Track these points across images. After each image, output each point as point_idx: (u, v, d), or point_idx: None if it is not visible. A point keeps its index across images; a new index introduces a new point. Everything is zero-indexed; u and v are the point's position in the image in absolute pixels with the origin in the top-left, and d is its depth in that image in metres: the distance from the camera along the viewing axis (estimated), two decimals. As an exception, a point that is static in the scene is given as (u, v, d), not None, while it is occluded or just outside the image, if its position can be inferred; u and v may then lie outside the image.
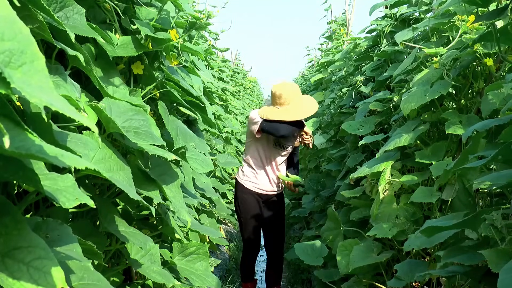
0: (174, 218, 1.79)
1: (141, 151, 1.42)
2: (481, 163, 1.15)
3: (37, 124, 0.85)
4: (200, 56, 1.96)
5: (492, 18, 1.31)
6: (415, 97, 1.85)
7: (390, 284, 1.78)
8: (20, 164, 0.74)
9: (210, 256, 1.86)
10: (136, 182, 1.28)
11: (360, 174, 2.20)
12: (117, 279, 1.59)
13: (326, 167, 3.86)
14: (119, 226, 1.35)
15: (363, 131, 2.64)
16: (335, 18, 6.10)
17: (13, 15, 0.58)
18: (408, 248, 1.68)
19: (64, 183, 0.87)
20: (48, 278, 0.68)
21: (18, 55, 0.56)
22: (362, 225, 2.51)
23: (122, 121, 1.29)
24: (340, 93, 3.72)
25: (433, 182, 1.94)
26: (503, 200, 1.60)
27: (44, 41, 1.11)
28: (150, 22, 1.59)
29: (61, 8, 1.19)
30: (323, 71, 4.91)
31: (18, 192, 1.10)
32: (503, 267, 0.88)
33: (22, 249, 0.70)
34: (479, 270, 1.29)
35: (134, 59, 1.62)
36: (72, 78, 1.19)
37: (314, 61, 8.08)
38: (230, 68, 8.10)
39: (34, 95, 0.53)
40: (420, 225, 1.81)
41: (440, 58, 1.84)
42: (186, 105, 1.88)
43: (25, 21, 0.92)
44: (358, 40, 3.60)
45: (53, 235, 0.92)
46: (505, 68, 1.78)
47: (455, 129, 1.75)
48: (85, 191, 1.25)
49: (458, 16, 1.82)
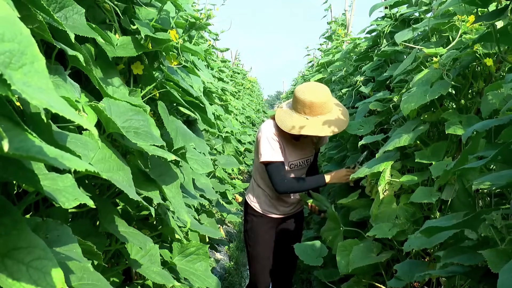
0: (174, 218, 1.79)
1: (141, 151, 1.42)
2: (481, 163, 1.15)
3: (36, 124, 0.85)
4: (200, 56, 1.96)
5: (492, 18, 1.31)
6: (415, 97, 1.85)
7: (390, 284, 1.78)
8: (19, 164, 0.74)
9: (210, 257, 1.86)
10: (136, 182, 1.28)
11: (359, 174, 2.20)
12: (116, 279, 1.59)
13: (326, 167, 3.86)
14: (118, 226, 1.35)
15: (363, 131, 2.64)
16: (335, 18, 6.11)
17: (13, 16, 0.58)
18: (408, 248, 1.68)
19: (64, 183, 0.87)
20: (48, 279, 0.68)
21: (18, 56, 0.56)
22: (362, 225, 2.50)
23: (122, 121, 1.29)
24: (340, 93, 3.72)
25: (433, 182, 1.94)
26: (503, 200, 1.60)
27: (44, 41, 1.11)
28: (150, 22, 1.59)
29: (60, 8, 1.19)
30: (323, 71, 4.90)
31: (17, 192, 1.10)
32: (503, 267, 0.88)
33: (22, 249, 0.70)
34: (479, 270, 1.29)
35: (133, 59, 1.62)
36: (72, 78, 1.19)
37: (314, 61, 8.08)
38: (230, 68, 8.10)
39: (34, 97, 0.53)
40: (420, 225, 1.80)
41: (440, 58, 1.84)
42: (186, 105, 1.88)
43: (25, 21, 0.92)
44: (358, 40, 3.60)
45: (53, 235, 0.92)
46: (505, 68, 1.78)
47: (455, 129, 1.75)
48: (85, 191, 1.25)
49: (458, 16, 1.82)
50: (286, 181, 2.35)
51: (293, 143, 2.42)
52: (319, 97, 2.23)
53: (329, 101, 2.29)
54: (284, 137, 2.37)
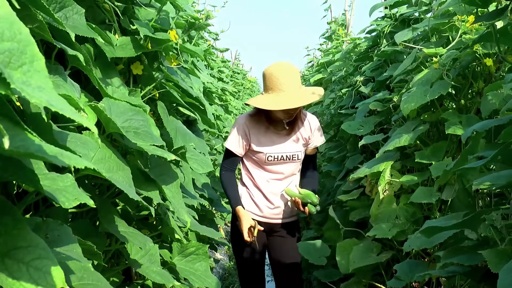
0: (173, 218, 1.79)
1: (141, 151, 1.42)
2: (481, 163, 1.15)
3: (37, 124, 0.85)
4: (200, 56, 1.96)
5: (492, 18, 1.31)
6: (415, 97, 1.85)
7: (389, 284, 1.78)
8: (19, 164, 0.74)
9: (209, 257, 1.86)
10: (136, 182, 1.28)
11: (359, 174, 2.20)
12: (116, 279, 1.59)
13: (326, 167, 3.86)
14: (118, 226, 1.35)
15: (363, 131, 2.64)
16: (335, 18, 6.11)
17: (12, 15, 0.58)
18: (407, 248, 1.68)
19: (64, 183, 0.87)
20: (48, 278, 0.68)
21: (18, 55, 0.56)
22: (361, 226, 2.51)
23: (122, 121, 1.29)
24: (339, 93, 3.72)
25: (433, 182, 1.94)
26: (503, 200, 1.60)
27: (44, 41, 1.11)
28: (150, 22, 1.59)
29: (60, 8, 1.19)
30: (323, 71, 4.91)
31: (17, 192, 1.10)
32: (503, 267, 0.88)
33: (22, 249, 0.70)
34: (479, 270, 1.29)
35: (133, 59, 1.62)
36: (72, 78, 1.19)
37: (314, 61, 8.08)
38: (229, 68, 8.10)
39: (34, 96, 0.53)
40: (420, 225, 1.80)
41: (440, 58, 1.84)
42: (186, 105, 1.88)
43: (25, 21, 0.92)
44: (358, 40, 3.60)
45: (53, 235, 0.92)
46: (505, 68, 1.78)
47: (455, 129, 1.75)
48: (85, 191, 1.25)
49: (458, 16, 1.82)
50: (224, 172, 2.22)
51: (270, 133, 2.21)
52: (279, 70, 2.06)
53: (292, 77, 2.06)
54: (260, 125, 2.20)
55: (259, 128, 2.20)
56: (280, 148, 2.20)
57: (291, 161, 2.22)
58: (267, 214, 2.24)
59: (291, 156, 2.21)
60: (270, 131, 2.20)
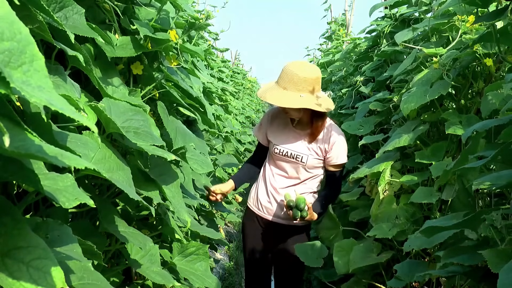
0: (174, 218, 1.79)
1: (141, 151, 1.42)
2: (481, 163, 1.15)
3: (36, 124, 0.85)
4: (200, 57, 1.96)
5: (492, 18, 1.31)
6: (415, 97, 1.85)
7: (389, 284, 1.78)
8: (19, 164, 0.74)
9: (210, 257, 1.86)
10: (136, 182, 1.28)
11: (359, 174, 2.20)
12: (116, 279, 1.59)
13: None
14: (118, 226, 1.35)
15: (363, 131, 2.64)
16: (335, 18, 6.11)
17: (12, 15, 0.57)
18: (408, 248, 1.68)
19: (64, 183, 0.87)
20: (48, 278, 0.68)
21: (18, 55, 0.56)
22: (360, 226, 2.50)
23: (122, 121, 1.29)
24: (340, 94, 3.73)
25: (433, 182, 1.94)
26: (503, 200, 1.60)
27: (44, 41, 1.11)
28: (150, 22, 1.59)
29: (60, 8, 1.19)
30: (323, 71, 4.91)
31: (17, 192, 1.10)
32: (503, 267, 0.88)
33: (22, 249, 0.70)
34: (479, 270, 1.29)
35: (133, 59, 1.62)
36: (72, 78, 1.19)
37: (314, 61, 8.08)
38: (230, 68, 8.09)
39: (34, 95, 0.53)
40: (420, 225, 1.80)
41: (440, 58, 1.84)
42: (186, 105, 1.88)
43: (25, 21, 0.92)
44: (358, 41, 3.61)
45: (53, 235, 0.92)
46: (505, 68, 1.78)
47: (455, 129, 1.75)
48: (85, 191, 1.25)
49: (458, 16, 1.82)
50: (245, 162, 2.50)
51: (289, 129, 2.26)
52: (288, 66, 2.06)
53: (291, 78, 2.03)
54: (282, 119, 2.29)
55: (281, 121, 2.31)
56: (288, 144, 2.24)
57: (294, 161, 2.23)
58: (266, 210, 2.31)
59: (295, 155, 2.22)
60: (290, 127, 2.28)
